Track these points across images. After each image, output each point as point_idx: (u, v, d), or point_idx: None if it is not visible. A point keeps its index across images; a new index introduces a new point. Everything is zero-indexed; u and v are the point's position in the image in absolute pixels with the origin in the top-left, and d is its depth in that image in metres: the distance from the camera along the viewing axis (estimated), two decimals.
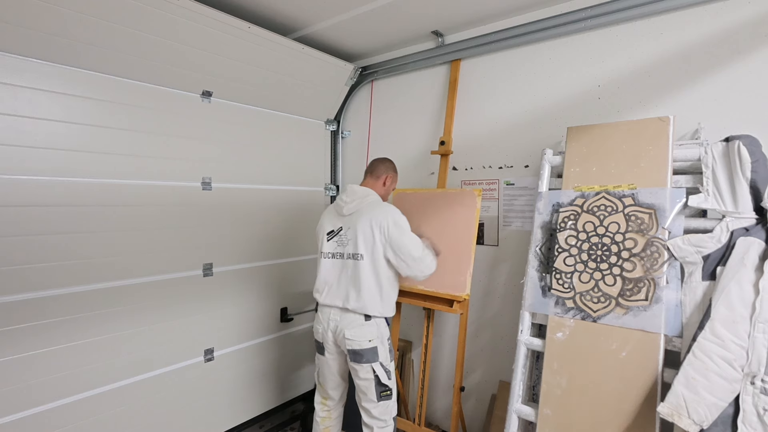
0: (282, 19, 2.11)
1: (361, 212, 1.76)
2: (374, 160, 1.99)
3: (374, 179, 1.91)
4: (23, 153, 1.57)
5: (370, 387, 1.72)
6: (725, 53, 1.57)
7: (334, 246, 1.81)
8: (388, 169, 1.94)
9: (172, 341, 2.04)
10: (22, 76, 1.55)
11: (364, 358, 1.71)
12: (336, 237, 1.81)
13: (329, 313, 1.79)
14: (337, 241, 1.81)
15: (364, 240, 1.72)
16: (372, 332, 1.72)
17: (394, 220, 1.72)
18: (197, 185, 2.11)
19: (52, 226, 1.65)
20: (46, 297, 1.64)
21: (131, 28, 1.68)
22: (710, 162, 1.40)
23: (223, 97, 2.18)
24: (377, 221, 1.71)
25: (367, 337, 1.71)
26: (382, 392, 1.73)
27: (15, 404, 1.59)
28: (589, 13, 1.81)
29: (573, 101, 1.92)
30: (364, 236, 1.72)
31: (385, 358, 1.75)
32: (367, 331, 1.72)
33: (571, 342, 1.51)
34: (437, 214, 2.04)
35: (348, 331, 1.72)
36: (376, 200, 1.81)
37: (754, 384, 1.17)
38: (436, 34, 2.28)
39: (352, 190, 1.83)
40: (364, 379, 1.72)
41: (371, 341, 1.71)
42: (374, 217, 1.72)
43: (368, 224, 1.72)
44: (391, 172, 1.94)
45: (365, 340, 1.71)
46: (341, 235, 1.80)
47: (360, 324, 1.72)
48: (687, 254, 1.37)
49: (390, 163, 1.97)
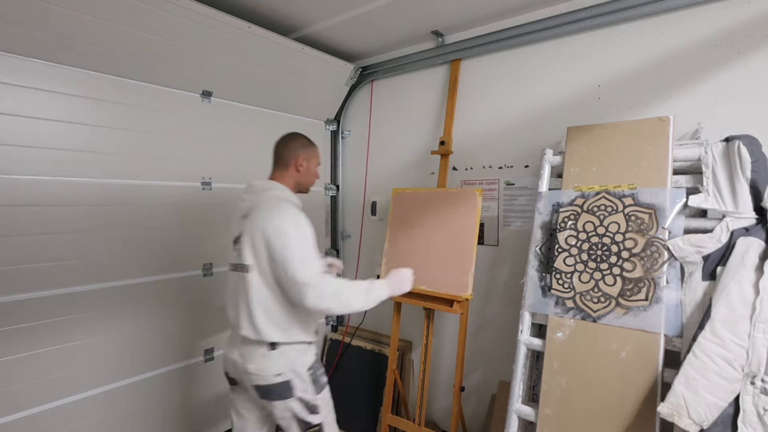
0: (282, 19, 2.11)
1: (254, 212, 1.42)
2: (277, 143, 1.57)
3: (282, 168, 1.54)
4: (23, 153, 1.57)
5: (291, 426, 1.43)
6: (725, 53, 1.57)
7: (235, 256, 1.46)
8: (295, 149, 1.54)
9: (172, 341, 2.04)
10: (22, 76, 1.55)
11: (275, 394, 1.39)
12: (238, 244, 1.45)
13: (233, 341, 1.47)
14: (237, 248, 1.45)
15: (251, 246, 1.37)
16: (280, 364, 1.38)
17: (275, 226, 1.34)
18: (197, 185, 2.11)
19: (52, 226, 1.65)
20: (45, 297, 1.64)
21: (131, 28, 1.68)
22: (710, 162, 1.40)
23: (223, 97, 2.18)
24: (261, 224, 1.36)
25: (273, 371, 1.37)
26: (307, 429, 1.43)
27: (14, 404, 1.59)
28: (589, 13, 1.81)
29: (573, 101, 1.92)
30: (251, 242, 1.37)
31: (305, 391, 1.42)
32: (273, 363, 1.37)
33: (571, 342, 1.51)
34: (438, 214, 2.01)
35: (250, 364, 1.38)
36: (274, 196, 1.46)
37: (754, 384, 1.17)
38: (436, 34, 2.28)
39: (250, 186, 1.51)
40: (282, 418, 1.43)
41: (280, 375, 1.37)
42: (263, 218, 1.38)
43: (256, 227, 1.37)
44: (301, 151, 1.54)
45: (271, 375, 1.37)
46: (239, 243, 1.43)
47: (263, 355, 1.38)
48: (687, 254, 1.37)
49: (296, 139, 1.57)
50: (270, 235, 1.34)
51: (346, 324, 2.83)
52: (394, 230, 2.13)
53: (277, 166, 1.56)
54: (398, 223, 2.13)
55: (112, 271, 1.82)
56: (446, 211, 1.99)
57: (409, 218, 1.70)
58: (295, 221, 1.38)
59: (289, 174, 1.54)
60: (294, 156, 1.54)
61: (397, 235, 2.11)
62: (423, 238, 1.74)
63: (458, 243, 1.91)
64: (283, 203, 1.44)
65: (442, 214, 2.00)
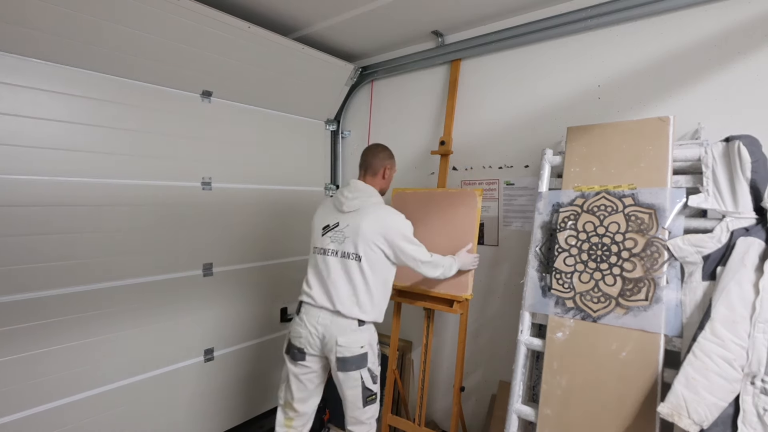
0: (282, 19, 2.11)
1: (364, 212, 1.67)
2: (366, 152, 1.83)
3: (372, 176, 1.79)
4: (23, 153, 1.57)
5: (357, 394, 1.65)
6: (725, 53, 1.57)
7: (328, 242, 1.70)
8: (384, 159, 1.80)
9: (172, 341, 2.04)
10: (23, 76, 1.55)
11: (354, 365, 1.63)
12: (331, 232, 1.70)
13: (317, 317, 1.67)
14: (332, 237, 1.69)
15: (364, 242, 1.63)
16: (365, 338, 1.66)
17: (402, 234, 1.66)
18: (197, 185, 2.11)
19: (52, 226, 1.65)
20: (45, 297, 1.64)
21: (131, 28, 1.68)
22: (710, 162, 1.40)
23: (223, 97, 2.18)
24: (383, 229, 1.63)
25: (359, 344, 1.64)
26: (368, 397, 1.67)
27: (13, 404, 1.59)
28: (589, 13, 1.81)
29: (573, 101, 1.92)
30: (365, 238, 1.63)
31: (373, 363, 1.69)
32: (361, 337, 1.65)
33: (571, 342, 1.51)
34: (438, 214, 2.01)
35: (341, 337, 1.62)
36: (380, 202, 1.73)
37: (754, 384, 1.17)
38: (436, 34, 2.28)
39: (355, 186, 1.73)
40: (351, 387, 1.65)
41: (363, 347, 1.65)
42: (381, 223, 1.64)
43: (373, 228, 1.63)
44: (387, 161, 1.81)
45: (357, 347, 1.63)
46: (338, 231, 1.69)
47: (353, 329, 1.64)
48: (687, 254, 1.37)
49: (383, 151, 1.83)
50: (393, 233, 1.64)
51: None
52: None
53: (367, 172, 1.79)
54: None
55: (111, 271, 1.82)
56: (447, 212, 1.99)
57: (409, 218, 1.74)
58: (407, 224, 1.70)
59: (377, 180, 1.79)
60: (382, 166, 1.79)
61: None
62: (423, 239, 1.78)
63: (458, 243, 1.91)
64: (387, 207, 1.73)
65: (442, 214, 2.00)
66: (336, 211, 1.73)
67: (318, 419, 2.51)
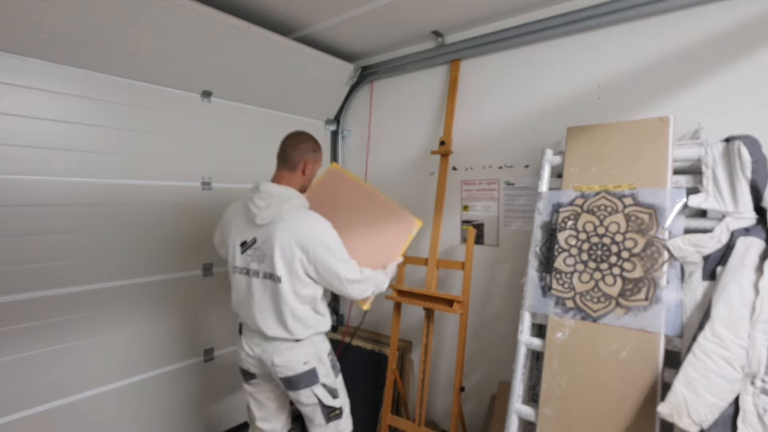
0: (282, 19, 2.11)
1: (279, 222, 1.42)
2: (284, 141, 1.56)
3: (289, 171, 1.53)
4: (23, 153, 1.57)
5: (316, 412, 1.52)
6: (725, 53, 1.57)
7: (248, 260, 1.48)
8: (305, 151, 1.54)
9: (171, 341, 2.04)
10: (22, 76, 1.55)
11: (302, 383, 1.48)
12: (251, 250, 1.48)
13: (252, 338, 1.53)
14: (252, 255, 1.47)
15: (282, 258, 1.41)
16: (307, 353, 1.48)
17: (321, 240, 1.41)
18: (197, 185, 2.11)
19: (52, 226, 1.65)
20: (45, 297, 1.64)
21: (131, 28, 1.68)
22: (710, 162, 1.40)
23: (223, 97, 2.18)
24: (300, 239, 1.40)
25: (300, 360, 1.47)
26: (330, 413, 1.53)
27: (12, 404, 1.59)
28: (589, 13, 1.81)
29: (573, 101, 1.92)
30: (282, 254, 1.40)
31: (326, 376, 1.53)
32: (300, 353, 1.47)
33: (571, 342, 1.51)
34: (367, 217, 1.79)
35: (277, 357, 1.46)
36: (296, 205, 1.48)
37: (754, 384, 1.17)
38: (436, 34, 2.27)
39: (266, 191, 1.46)
40: (307, 405, 1.52)
41: (306, 363, 1.47)
42: (298, 231, 1.41)
43: (288, 240, 1.40)
44: (309, 155, 1.54)
45: (299, 364, 1.46)
46: (256, 248, 1.46)
47: (289, 347, 1.47)
48: (687, 254, 1.37)
49: (306, 140, 1.56)
50: (313, 248, 1.40)
51: (346, 324, 2.83)
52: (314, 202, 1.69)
53: (284, 166, 1.55)
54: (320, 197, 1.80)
55: (111, 271, 1.82)
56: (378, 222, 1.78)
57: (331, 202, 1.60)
58: (328, 229, 1.45)
59: (296, 177, 1.55)
60: (302, 159, 1.54)
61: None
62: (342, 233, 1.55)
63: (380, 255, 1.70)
64: (307, 212, 1.48)
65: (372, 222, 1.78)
66: (250, 223, 1.48)
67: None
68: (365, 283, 1.52)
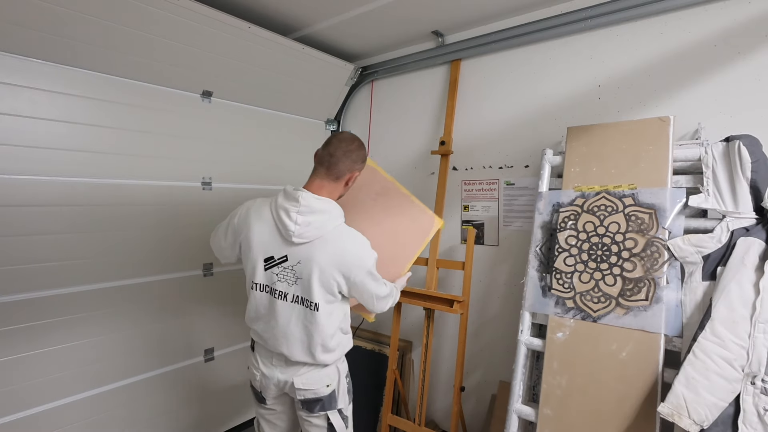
0: (282, 19, 2.11)
1: (319, 242, 1.26)
2: (332, 143, 1.36)
3: (332, 181, 1.34)
4: (23, 153, 1.57)
5: None
6: (725, 53, 1.57)
7: (275, 280, 1.32)
8: (355, 161, 1.35)
9: (172, 341, 2.04)
10: (22, 76, 1.55)
11: (320, 406, 1.38)
12: (278, 269, 1.31)
13: (271, 359, 1.40)
14: (280, 275, 1.31)
15: (321, 283, 1.27)
16: (330, 373, 1.39)
17: (365, 267, 1.30)
18: (197, 185, 2.11)
19: (51, 226, 1.64)
20: (45, 297, 1.64)
21: (131, 28, 1.68)
22: (710, 162, 1.40)
23: (223, 97, 2.18)
24: (345, 266, 1.27)
25: (323, 382, 1.37)
26: None
27: (13, 405, 1.59)
28: (589, 13, 1.81)
29: (573, 101, 1.92)
30: (321, 278, 1.26)
31: (343, 402, 1.43)
32: (324, 374, 1.38)
33: (572, 342, 1.51)
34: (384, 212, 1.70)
35: (298, 379, 1.36)
36: (341, 225, 1.32)
37: (754, 384, 1.17)
38: (436, 34, 2.27)
39: (308, 205, 1.26)
40: (314, 427, 1.41)
41: (329, 385, 1.38)
42: (343, 257, 1.27)
43: (330, 265, 1.26)
44: (359, 165, 1.37)
45: (322, 385, 1.37)
46: (286, 269, 1.30)
47: (313, 369, 1.37)
48: (687, 254, 1.37)
49: (359, 148, 1.37)
50: (355, 274, 1.29)
51: None
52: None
53: (327, 174, 1.33)
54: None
55: (112, 271, 1.82)
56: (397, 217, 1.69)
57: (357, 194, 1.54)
58: (370, 252, 1.33)
59: (338, 188, 1.37)
60: (351, 171, 1.36)
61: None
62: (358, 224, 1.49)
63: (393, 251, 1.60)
64: (349, 232, 1.33)
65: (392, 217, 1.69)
66: (281, 238, 1.29)
67: None
68: (389, 297, 1.44)
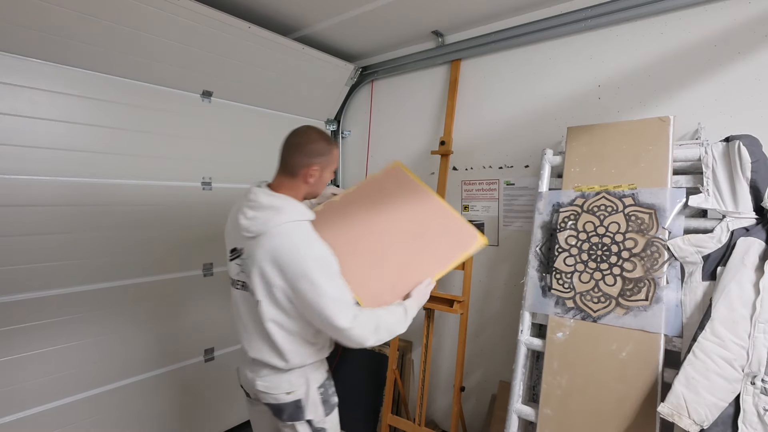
0: (282, 19, 2.11)
1: (263, 239, 1.16)
2: (288, 141, 1.27)
3: (288, 176, 1.26)
4: (23, 153, 1.57)
5: None
6: (725, 53, 1.57)
7: (236, 270, 1.27)
8: (309, 154, 1.23)
9: (172, 341, 2.04)
10: (22, 76, 1.55)
11: (285, 414, 1.26)
12: (238, 260, 1.26)
13: (244, 355, 1.32)
14: (240, 265, 1.25)
15: (262, 282, 1.17)
16: (292, 381, 1.25)
17: (300, 270, 1.12)
18: (197, 185, 2.11)
19: (51, 227, 1.64)
20: (45, 297, 1.64)
21: (131, 28, 1.68)
22: (710, 162, 1.40)
23: (223, 97, 2.18)
24: (277, 260, 1.14)
25: (284, 388, 1.24)
26: None
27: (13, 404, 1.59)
28: (589, 13, 1.81)
29: (573, 101, 1.92)
30: (261, 277, 1.16)
31: (315, 414, 1.28)
32: (285, 380, 1.25)
33: (571, 342, 1.51)
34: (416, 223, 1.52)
35: (259, 380, 1.26)
36: (291, 220, 1.18)
37: (754, 384, 1.17)
38: (436, 34, 2.27)
39: (256, 200, 1.21)
40: None
41: (291, 393, 1.24)
42: (275, 251, 1.14)
43: (266, 261, 1.15)
44: (316, 159, 1.24)
45: (281, 392, 1.24)
46: (242, 260, 1.24)
47: (273, 372, 1.25)
48: (687, 254, 1.37)
49: (314, 140, 1.25)
50: (295, 279, 1.13)
51: None
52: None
53: (283, 169, 1.27)
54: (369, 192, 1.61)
55: (112, 271, 1.82)
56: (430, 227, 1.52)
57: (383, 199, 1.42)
58: (319, 257, 1.16)
59: (297, 184, 1.27)
60: (305, 165, 1.24)
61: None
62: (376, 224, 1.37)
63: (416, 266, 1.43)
64: (297, 227, 1.18)
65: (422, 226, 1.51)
66: (240, 233, 1.24)
67: None
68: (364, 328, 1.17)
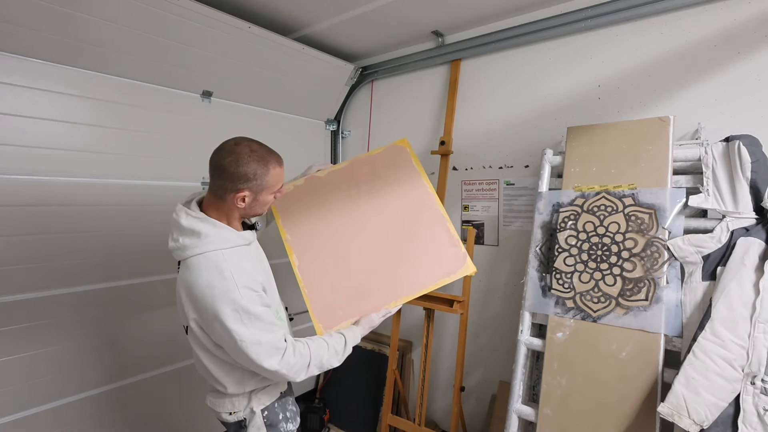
0: (282, 19, 2.11)
1: (182, 267, 1.11)
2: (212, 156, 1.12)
3: (215, 198, 1.12)
4: (23, 153, 1.57)
5: None
6: (725, 53, 1.57)
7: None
8: (235, 180, 1.07)
9: (172, 341, 2.04)
10: (22, 76, 1.55)
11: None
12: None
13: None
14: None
15: (182, 310, 1.13)
16: (236, 404, 1.20)
17: (215, 314, 1.03)
18: (197, 185, 2.11)
19: (51, 226, 1.64)
20: (45, 297, 1.64)
21: (131, 28, 1.68)
22: (710, 162, 1.40)
23: (223, 97, 2.18)
24: (192, 300, 1.07)
25: (227, 408, 1.21)
26: None
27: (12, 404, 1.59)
28: (589, 13, 1.81)
29: (573, 101, 1.92)
30: (181, 305, 1.12)
31: None
32: (227, 401, 1.21)
33: (571, 342, 1.51)
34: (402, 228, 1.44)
35: (210, 397, 1.25)
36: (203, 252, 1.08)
37: (754, 384, 1.17)
38: (436, 34, 2.27)
39: (177, 221, 1.12)
40: None
41: (233, 414, 1.21)
42: (189, 288, 1.07)
43: (184, 294, 1.10)
44: (244, 186, 1.09)
45: (225, 413, 1.21)
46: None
47: (217, 392, 1.22)
48: (687, 254, 1.37)
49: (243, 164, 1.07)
50: (208, 320, 1.05)
51: None
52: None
53: (211, 192, 1.14)
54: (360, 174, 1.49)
55: (112, 271, 1.82)
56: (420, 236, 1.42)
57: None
58: (233, 299, 1.03)
59: (226, 206, 1.13)
60: (232, 191, 1.08)
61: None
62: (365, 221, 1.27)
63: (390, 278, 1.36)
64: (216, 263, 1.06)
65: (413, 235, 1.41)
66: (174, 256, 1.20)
67: (318, 419, 2.51)
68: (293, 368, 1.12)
